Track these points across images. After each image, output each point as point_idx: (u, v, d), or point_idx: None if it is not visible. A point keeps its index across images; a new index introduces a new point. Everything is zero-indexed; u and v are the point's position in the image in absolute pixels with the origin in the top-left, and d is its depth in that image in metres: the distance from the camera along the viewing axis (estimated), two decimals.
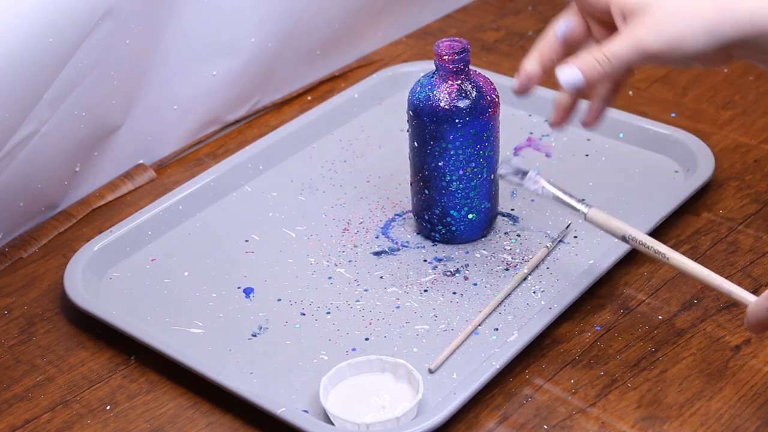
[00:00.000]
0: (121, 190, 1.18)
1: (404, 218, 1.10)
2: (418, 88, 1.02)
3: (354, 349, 0.96)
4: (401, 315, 0.99)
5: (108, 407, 0.94)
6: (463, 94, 1.01)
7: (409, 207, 1.09)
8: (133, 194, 1.18)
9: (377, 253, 1.07)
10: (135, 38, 1.13)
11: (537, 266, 1.04)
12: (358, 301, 1.01)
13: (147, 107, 1.19)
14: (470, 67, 1.02)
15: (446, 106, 1.01)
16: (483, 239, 1.07)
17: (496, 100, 1.03)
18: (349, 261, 1.06)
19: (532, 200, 1.11)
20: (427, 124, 1.01)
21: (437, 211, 1.05)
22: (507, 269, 1.04)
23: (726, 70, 1.30)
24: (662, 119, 1.21)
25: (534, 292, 1.01)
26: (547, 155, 1.18)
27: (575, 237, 1.07)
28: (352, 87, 1.28)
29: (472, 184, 1.03)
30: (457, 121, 1.01)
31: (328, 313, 1.00)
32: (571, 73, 0.87)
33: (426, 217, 1.06)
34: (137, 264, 1.07)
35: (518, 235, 1.07)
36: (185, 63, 1.20)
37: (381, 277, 1.04)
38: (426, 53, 1.37)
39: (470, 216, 1.05)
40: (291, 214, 1.12)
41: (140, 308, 1.02)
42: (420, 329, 0.98)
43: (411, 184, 1.07)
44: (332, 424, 0.89)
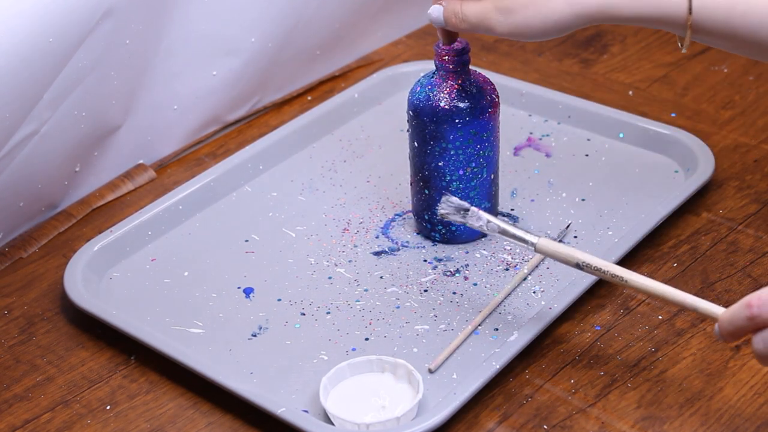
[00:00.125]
0: (121, 190, 1.18)
1: (404, 218, 1.10)
2: (418, 88, 1.02)
3: (354, 349, 0.96)
4: (401, 315, 0.99)
5: (108, 407, 0.94)
6: (464, 94, 1.01)
7: (409, 207, 1.09)
8: (133, 194, 1.18)
9: (377, 253, 1.06)
10: (135, 38, 1.13)
11: (537, 266, 1.04)
12: (358, 301, 1.01)
13: (147, 107, 1.19)
14: (470, 66, 1.02)
15: (446, 106, 1.01)
16: (483, 239, 1.07)
17: (496, 100, 1.03)
18: (349, 261, 1.06)
19: (532, 200, 1.11)
20: (427, 124, 1.01)
21: (436, 215, 1.05)
22: (507, 269, 1.04)
23: (726, 70, 1.30)
24: (662, 119, 1.21)
25: (534, 292, 1.01)
26: (547, 155, 1.18)
27: (575, 237, 1.06)
28: (352, 87, 1.28)
29: (472, 184, 1.03)
30: (457, 121, 1.01)
31: (328, 313, 1.00)
32: (436, 12, 0.93)
33: (426, 217, 1.06)
34: (137, 264, 1.07)
35: None
36: (185, 63, 1.20)
37: (381, 277, 1.04)
38: (426, 53, 1.37)
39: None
40: (291, 214, 1.12)
41: (140, 308, 1.01)
42: (420, 329, 0.98)
43: (411, 184, 1.07)
44: (332, 424, 0.89)
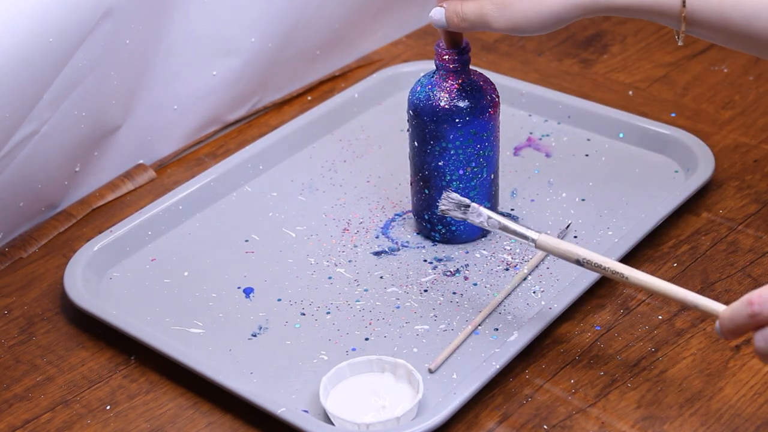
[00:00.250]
0: (121, 190, 1.18)
1: (404, 218, 1.10)
2: (419, 88, 1.02)
3: (354, 349, 0.96)
4: (401, 315, 0.99)
5: (108, 407, 0.94)
6: (464, 94, 1.01)
7: (409, 207, 1.09)
8: (133, 194, 1.18)
9: (377, 253, 1.06)
10: (135, 38, 1.13)
11: (537, 266, 1.04)
12: (358, 301, 1.01)
13: (147, 107, 1.19)
14: (470, 66, 1.02)
15: (446, 106, 1.00)
16: (483, 239, 1.07)
17: (496, 99, 1.02)
18: (349, 261, 1.06)
19: (532, 200, 1.11)
20: (427, 123, 1.01)
21: (437, 211, 1.05)
22: (507, 269, 1.04)
23: (726, 70, 1.30)
24: (662, 119, 1.21)
25: (534, 292, 1.01)
26: (547, 155, 1.18)
27: (575, 237, 1.06)
28: (352, 87, 1.28)
29: (472, 183, 1.03)
30: (457, 120, 1.01)
31: (328, 313, 1.00)
32: (438, 14, 0.95)
33: (426, 217, 1.06)
34: (137, 264, 1.07)
35: None
36: (185, 63, 1.20)
37: (381, 277, 1.04)
38: (426, 53, 1.37)
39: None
40: (291, 214, 1.12)
41: (140, 308, 1.01)
42: (420, 329, 0.98)
43: (411, 184, 1.07)
44: (332, 424, 0.89)
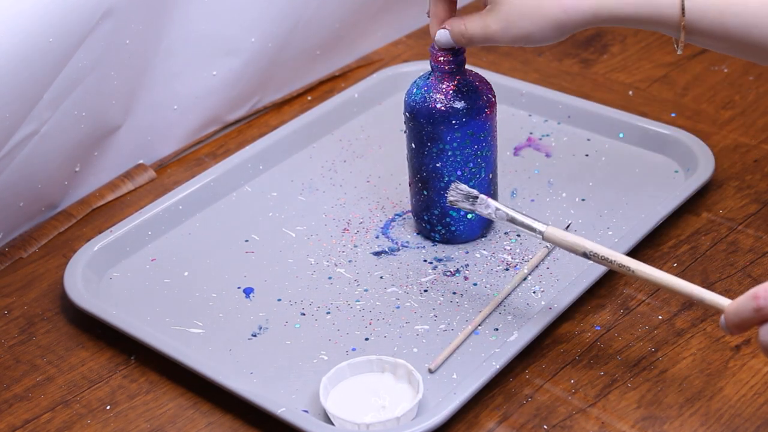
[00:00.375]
0: (121, 190, 1.18)
1: (404, 218, 1.10)
2: (414, 90, 1.02)
3: (354, 349, 0.96)
4: (401, 315, 0.99)
5: (108, 407, 0.94)
6: (460, 95, 1.01)
7: (409, 207, 1.09)
8: (133, 194, 1.18)
9: (377, 253, 1.06)
10: (135, 38, 1.13)
11: (537, 266, 1.04)
12: (358, 301, 1.01)
13: (147, 107, 1.19)
14: (467, 66, 1.02)
15: (443, 108, 1.00)
16: (483, 239, 1.07)
17: (493, 99, 1.02)
18: (349, 261, 1.06)
19: (532, 200, 1.11)
20: (424, 125, 1.01)
21: (436, 212, 1.05)
22: (507, 269, 1.04)
23: (726, 70, 1.30)
24: (662, 119, 1.21)
25: (534, 292, 1.01)
26: (547, 155, 1.18)
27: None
28: (352, 87, 1.28)
29: (471, 184, 1.03)
30: (453, 122, 1.00)
31: (328, 313, 1.00)
32: (444, 37, 0.97)
33: (426, 218, 1.06)
34: (137, 264, 1.07)
35: (518, 235, 1.07)
36: (185, 63, 1.20)
37: (381, 277, 1.04)
38: (426, 53, 1.37)
39: (469, 216, 1.05)
40: (291, 214, 1.12)
41: (140, 308, 1.01)
42: (420, 329, 0.98)
43: (409, 185, 1.07)
44: (332, 424, 0.89)
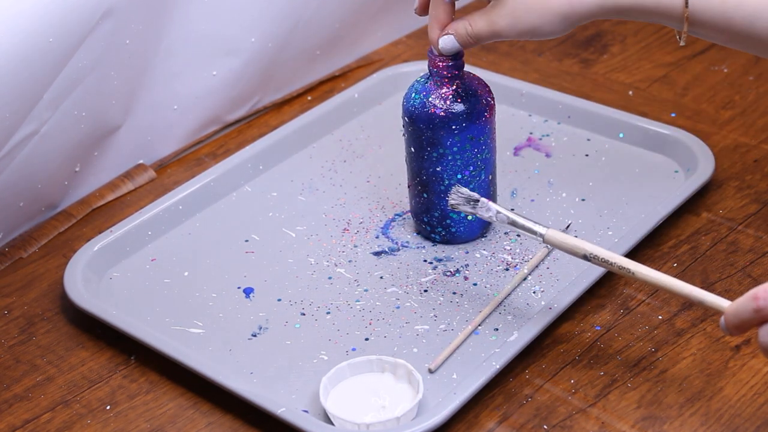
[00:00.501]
0: (121, 190, 1.18)
1: (404, 218, 1.10)
2: (413, 95, 1.02)
3: (354, 349, 0.96)
4: (401, 315, 0.99)
5: (108, 407, 0.94)
6: (459, 100, 1.00)
7: (409, 207, 1.09)
8: (133, 194, 1.18)
9: (377, 253, 1.06)
10: (135, 38, 1.13)
11: (537, 266, 1.04)
12: (358, 301, 1.01)
13: (147, 107, 1.19)
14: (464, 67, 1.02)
15: (443, 113, 1.00)
16: (483, 239, 1.07)
17: (492, 102, 1.02)
18: (349, 261, 1.06)
19: (532, 200, 1.11)
20: (424, 130, 1.01)
21: (436, 214, 1.05)
22: (507, 269, 1.04)
23: (726, 70, 1.30)
24: (662, 119, 1.21)
25: (534, 292, 1.01)
26: (547, 155, 1.18)
27: (575, 237, 1.06)
28: (352, 87, 1.28)
29: (471, 186, 1.03)
30: (453, 127, 1.00)
31: (328, 313, 1.00)
32: (450, 43, 0.98)
33: (425, 220, 1.06)
34: (137, 264, 1.07)
35: (518, 236, 1.07)
36: (185, 63, 1.20)
37: (381, 277, 1.04)
38: (426, 53, 1.37)
39: (469, 217, 1.05)
40: (291, 214, 1.12)
41: (140, 308, 1.01)
42: (420, 329, 0.98)
43: (408, 187, 1.07)
44: (332, 424, 0.89)
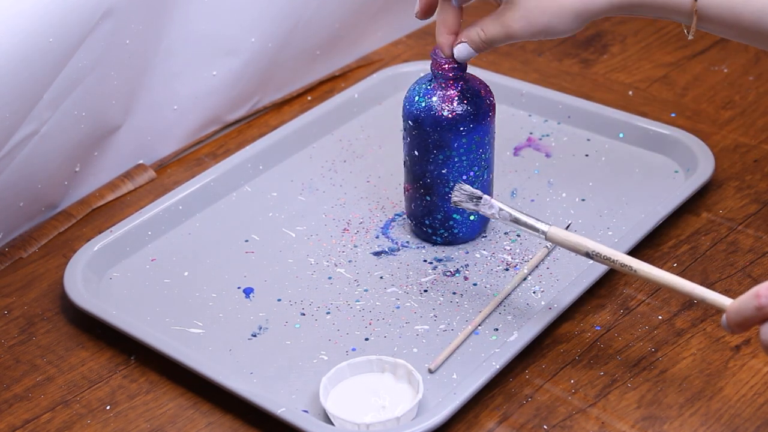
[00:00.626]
0: (121, 190, 1.18)
1: (404, 218, 1.10)
2: (416, 98, 1.01)
3: (354, 349, 0.96)
4: (401, 315, 0.99)
5: (108, 407, 0.94)
6: (465, 102, 1.00)
7: (406, 211, 1.09)
8: (133, 194, 1.18)
9: (377, 253, 1.06)
10: (135, 38, 1.13)
11: (537, 266, 1.04)
12: (358, 301, 1.01)
13: (147, 107, 1.19)
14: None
15: (449, 116, 1.00)
16: (483, 239, 1.07)
17: (493, 102, 1.02)
18: (349, 261, 1.06)
19: (532, 200, 1.11)
20: (430, 133, 1.01)
21: (439, 216, 1.04)
22: (507, 269, 1.04)
23: (726, 70, 1.30)
24: (662, 119, 1.21)
25: (534, 292, 1.01)
26: (547, 155, 1.18)
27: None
28: (352, 87, 1.28)
29: (475, 186, 1.03)
30: (461, 129, 1.00)
31: (328, 313, 1.00)
32: (465, 51, 0.98)
33: (427, 222, 1.06)
34: (137, 264, 1.07)
35: (518, 235, 1.07)
36: (185, 63, 1.20)
37: (381, 277, 1.04)
38: (426, 53, 1.37)
39: (471, 217, 1.05)
40: (291, 214, 1.12)
41: (140, 308, 1.01)
42: (420, 329, 0.98)
43: (406, 191, 1.06)
44: (332, 424, 0.89)
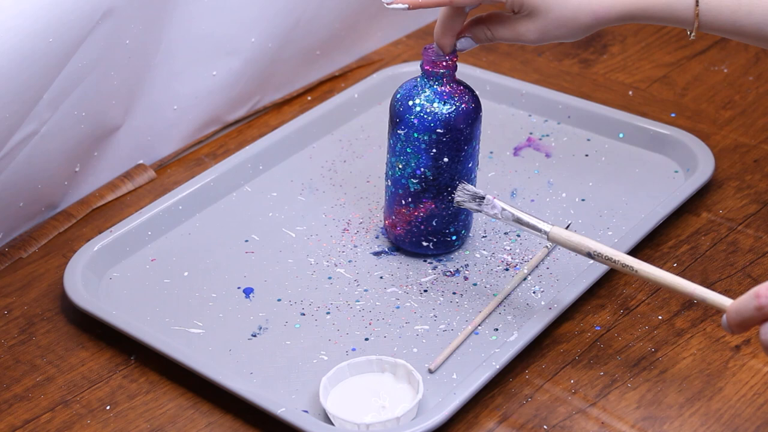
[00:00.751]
0: (121, 190, 1.18)
1: None
2: (435, 104, 0.99)
3: (354, 349, 0.96)
4: (401, 315, 0.99)
5: (108, 407, 0.94)
6: (470, 91, 1.00)
7: (421, 231, 1.05)
8: (133, 194, 1.18)
9: (377, 253, 1.06)
10: (135, 38, 1.13)
11: (537, 266, 1.04)
12: (358, 301, 1.01)
13: (147, 107, 1.19)
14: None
15: (473, 106, 0.99)
16: (483, 239, 1.07)
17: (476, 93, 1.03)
18: (349, 261, 1.06)
19: (532, 200, 1.11)
20: (463, 130, 0.99)
21: (462, 216, 1.03)
22: (507, 269, 1.04)
23: (726, 70, 1.30)
24: (662, 119, 1.21)
25: (534, 292, 1.01)
26: (547, 155, 1.18)
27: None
28: (352, 87, 1.28)
29: (473, 177, 1.03)
30: (481, 116, 1.00)
31: (328, 313, 1.00)
32: (467, 43, 1.00)
33: (452, 230, 1.03)
34: (137, 264, 1.07)
35: (518, 235, 1.07)
36: (185, 63, 1.20)
37: (381, 277, 1.04)
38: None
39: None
40: (291, 214, 1.12)
41: (140, 308, 1.01)
42: (420, 329, 0.98)
43: (421, 211, 1.02)
44: (332, 424, 0.89)
